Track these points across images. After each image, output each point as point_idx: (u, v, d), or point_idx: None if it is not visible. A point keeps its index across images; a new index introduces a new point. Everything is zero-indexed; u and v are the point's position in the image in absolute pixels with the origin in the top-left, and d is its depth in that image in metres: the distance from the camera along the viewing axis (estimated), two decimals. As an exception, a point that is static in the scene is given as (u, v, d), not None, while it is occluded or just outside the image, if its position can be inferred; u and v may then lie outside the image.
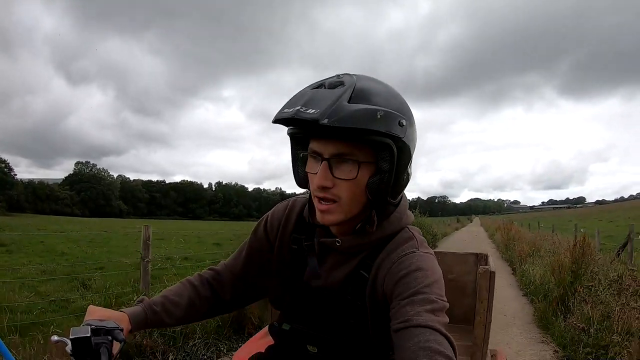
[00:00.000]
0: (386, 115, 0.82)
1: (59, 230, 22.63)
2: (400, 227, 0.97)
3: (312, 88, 0.87)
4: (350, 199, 0.87)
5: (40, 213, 76.08)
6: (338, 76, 0.88)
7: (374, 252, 0.96)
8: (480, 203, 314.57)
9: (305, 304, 1.01)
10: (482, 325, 1.51)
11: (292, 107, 0.81)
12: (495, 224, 30.85)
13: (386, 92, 0.88)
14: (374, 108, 0.81)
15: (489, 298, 1.52)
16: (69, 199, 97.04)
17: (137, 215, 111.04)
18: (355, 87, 0.84)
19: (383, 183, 0.87)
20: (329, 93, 0.82)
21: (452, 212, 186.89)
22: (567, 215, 69.77)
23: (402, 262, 0.90)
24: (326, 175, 0.85)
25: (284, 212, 1.09)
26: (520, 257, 9.09)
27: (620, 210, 75.25)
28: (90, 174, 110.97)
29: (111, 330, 0.85)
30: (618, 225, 31.01)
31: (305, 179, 0.95)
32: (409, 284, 0.85)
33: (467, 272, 1.87)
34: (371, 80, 0.89)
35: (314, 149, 0.88)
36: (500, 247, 14.51)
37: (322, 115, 0.77)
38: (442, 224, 30.59)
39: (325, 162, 0.85)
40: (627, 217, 50.90)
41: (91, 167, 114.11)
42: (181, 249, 11.43)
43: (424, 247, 0.95)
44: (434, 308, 0.80)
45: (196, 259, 9.29)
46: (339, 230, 0.96)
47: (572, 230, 12.55)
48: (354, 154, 0.85)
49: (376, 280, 0.93)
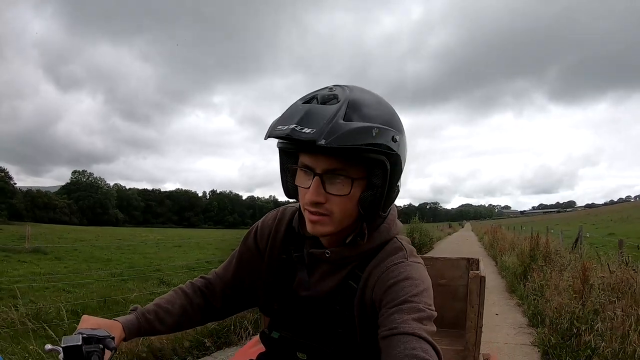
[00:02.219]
0: (381, 131, 0.81)
1: (78, 239, 24.35)
2: (389, 237, 0.97)
3: (304, 102, 0.85)
4: (342, 213, 0.87)
5: (39, 221, 76.50)
6: (330, 89, 0.87)
7: (363, 263, 0.96)
8: (471, 209, 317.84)
9: (294, 313, 1.01)
10: (474, 329, 1.51)
11: (286, 124, 0.80)
12: (484, 228, 33.31)
13: (378, 105, 0.88)
14: (369, 126, 0.80)
15: (480, 302, 1.51)
16: (67, 208, 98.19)
17: (133, 223, 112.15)
18: (349, 102, 0.82)
19: (376, 198, 0.87)
20: (324, 110, 0.81)
21: (444, 218, 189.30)
22: (555, 220, 71.63)
23: (392, 271, 0.90)
24: (319, 191, 0.85)
25: (273, 222, 1.08)
26: (501, 252, 11.68)
27: (608, 213, 77.81)
28: (87, 183, 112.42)
29: (102, 338, 0.86)
30: (598, 227, 33.53)
31: (295, 190, 0.94)
32: (398, 292, 0.86)
33: (459, 277, 1.86)
34: (363, 92, 0.88)
35: (305, 163, 0.87)
36: (487, 247, 17.40)
37: (319, 135, 0.76)
38: (436, 230, 32.61)
39: (318, 177, 0.85)
40: (610, 219, 53.40)
41: (88, 175, 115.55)
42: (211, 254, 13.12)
43: (413, 257, 0.96)
44: (421, 317, 0.81)
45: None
46: (329, 241, 0.96)
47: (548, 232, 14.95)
48: (347, 170, 0.84)
49: (365, 289, 0.94)
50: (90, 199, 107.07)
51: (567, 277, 5.61)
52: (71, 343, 0.81)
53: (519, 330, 4.90)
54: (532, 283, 6.38)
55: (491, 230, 22.47)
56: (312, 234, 0.92)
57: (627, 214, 59.54)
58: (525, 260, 7.64)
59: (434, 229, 28.64)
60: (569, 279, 5.26)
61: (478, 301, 1.51)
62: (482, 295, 1.52)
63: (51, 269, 11.20)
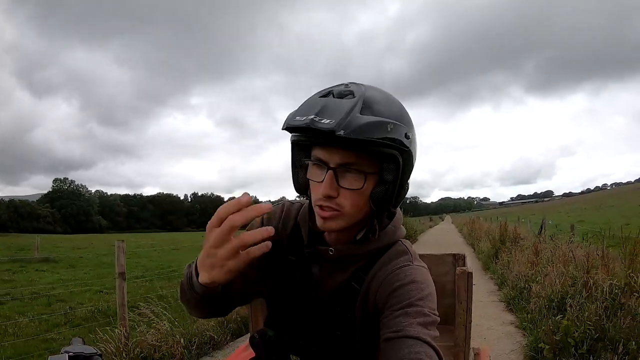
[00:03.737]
0: (395, 127, 0.82)
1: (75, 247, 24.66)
2: (394, 240, 0.98)
3: (321, 96, 0.86)
4: (354, 208, 0.87)
5: (24, 231, 75.88)
6: (346, 85, 0.88)
7: (367, 264, 0.95)
8: (450, 202, 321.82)
9: (293, 312, 0.99)
10: (463, 325, 1.52)
11: (305, 115, 0.80)
12: (464, 220, 35.29)
13: (391, 104, 0.89)
14: (385, 120, 0.81)
15: (468, 299, 1.52)
16: (51, 217, 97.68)
17: (116, 229, 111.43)
18: (364, 98, 0.83)
19: (387, 193, 0.87)
20: (342, 103, 0.81)
21: (424, 212, 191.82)
22: (533, 209, 73.80)
23: (397, 274, 0.90)
24: (332, 184, 0.84)
25: (280, 217, 1.06)
26: (477, 239, 13.62)
27: (584, 202, 79.98)
28: (69, 191, 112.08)
29: (90, 356, 0.82)
30: (570, 215, 35.66)
31: (305, 185, 0.94)
32: (403, 295, 0.85)
33: (445, 273, 1.87)
34: (377, 90, 0.89)
35: (319, 157, 0.87)
36: (467, 236, 19.30)
37: (338, 126, 0.77)
38: (418, 223, 34.46)
39: (332, 171, 0.84)
40: (584, 208, 55.96)
41: (69, 183, 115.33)
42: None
43: (418, 261, 0.96)
44: (426, 321, 0.82)
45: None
46: (337, 237, 0.95)
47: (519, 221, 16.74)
48: (361, 164, 0.84)
49: (368, 292, 0.93)
50: (73, 207, 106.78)
51: (526, 253, 7.28)
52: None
53: (491, 293, 6.57)
54: (501, 261, 8.09)
55: (470, 221, 24.62)
56: (323, 229, 0.91)
57: (600, 203, 61.64)
58: (496, 244, 9.65)
59: (416, 223, 30.33)
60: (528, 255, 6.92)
61: (466, 297, 1.52)
62: (470, 291, 1.53)
63: (73, 276, 11.62)
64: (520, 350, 4.02)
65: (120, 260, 4.04)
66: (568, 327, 3.49)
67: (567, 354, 3.35)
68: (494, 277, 7.80)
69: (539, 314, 4.37)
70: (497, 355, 3.88)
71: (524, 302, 5.22)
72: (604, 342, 3.23)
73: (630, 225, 17.53)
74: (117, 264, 4.05)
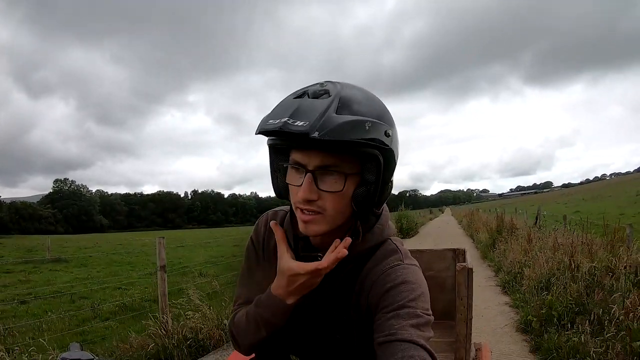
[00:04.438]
0: (374, 125, 0.80)
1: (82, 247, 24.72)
2: (383, 239, 0.96)
3: (295, 97, 0.83)
4: (336, 210, 0.85)
5: (26, 233, 76.05)
6: (321, 84, 0.85)
7: (357, 266, 0.94)
8: (450, 194, 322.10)
9: (290, 318, 0.95)
10: (464, 321, 1.51)
11: (278, 118, 0.78)
12: (463, 212, 35.91)
13: (370, 101, 0.86)
14: (362, 119, 0.79)
15: (469, 294, 1.51)
16: (52, 217, 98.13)
17: (117, 228, 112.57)
18: (340, 97, 0.81)
19: (369, 194, 0.85)
20: (316, 104, 0.79)
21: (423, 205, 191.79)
22: (532, 200, 74.03)
23: (389, 274, 0.89)
24: (311, 188, 0.82)
25: (265, 228, 1.06)
26: (476, 230, 14.21)
27: (582, 192, 78.76)
28: (70, 191, 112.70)
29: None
30: (568, 206, 36.17)
31: (285, 189, 0.91)
32: (395, 297, 0.85)
33: (446, 268, 1.87)
34: (354, 88, 0.86)
35: (296, 160, 0.84)
36: (466, 227, 19.96)
37: (312, 128, 0.75)
38: (418, 216, 35.04)
39: (310, 174, 0.82)
40: (582, 198, 56.34)
41: (70, 183, 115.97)
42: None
43: (409, 259, 0.94)
44: (418, 323, 0.81)
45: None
46: (322, 241, 0.92)
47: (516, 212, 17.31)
48: (340, 165, 0.82)
49: (361, 293, 0.93)
50: (74, 207, 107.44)
51: (521, 242, 7.86)
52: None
53: (488, 279, 7.15)
54: (498, 249, 8.68)
55: (469, 213, 25.26)
56: (305, 234, 0.89)
57: (598, 193, 61.55)
58: (493, 234, 10.27)
59: (416, 215, 30.90)
60: (522, 244, 7.51)
61: (467, 293, 1.50)
62: (471, 287, 1.51)
63: (88, 274, 12.00)
64: (512, 324, 4.59)
65: (162, 255, 4.52)
66: (552, 302, 4.08)
67: (551, 325, 3.92)
68: (491, 265, 8.39)
69: (530, 294, 4.96)
70: (493, 330, 4.46)
71: (517, 285, 5.79)
72: (584, 315, 3.79)
73: (624, 215, 18.26)
74: (159, 258, 4.54)
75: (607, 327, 3.32)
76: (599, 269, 4.47)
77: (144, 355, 3.76)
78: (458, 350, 1.53)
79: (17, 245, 28.38)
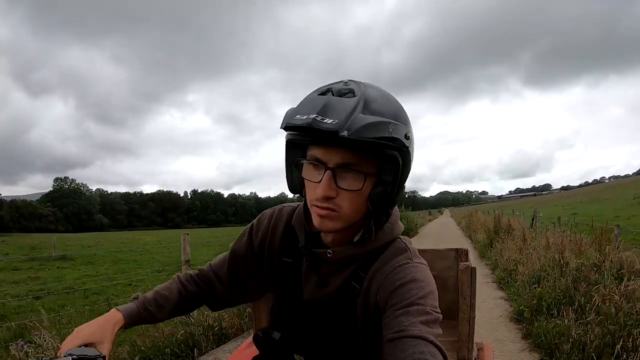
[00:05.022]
0: (396, 127, 0.81)
1: (85, 246, 24.67)
2: (392, 238, 0.97)
3: (320, 94, 0.84)
4: (352, 209, 0.86)
5: (26, 231, 75.84)
6: (345, 83, 0.86)
7: (366, 263, 0.95)
8: (449, 196, 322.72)
9: (295, 314, 1.00)
10: (467, 321, 1.51)
11: (306, 114, 0.78)
12: (462, 214, 36.47)
13: (391, 103, 0.87)
14: (387, 121, 0.80)
15: (472, 294, 1.51)
16: (52, 216, 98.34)
17: (117, 227, 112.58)
18: (365, 97, 0.82)
19: (386, 194, 0.86)
20: (344, 102, 0.80)
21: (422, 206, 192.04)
22: (530, 203, 74.14)
23: (397, 272, 0.90)
24: (330, 185, 0.83)
25: (269, 222, 1.07)
26: (475, 231, 14.69)
27: (581, 194, 79.23)
28: (70, 189, 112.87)
29: (93, 358, 0.83)
30: (565, 208, 36.67)
31: (300, 184, 0.92)
32: (404, 294, 0.85)
33: (448, 268, 1.87)
34: (375, 89, 0.87)
35: (317, 156, 0.84)
36: (464, 229, 20.51)
37: (341, 127, 0.76)
38: (417, 217, 35.48)
39: (330, 171, 0.83)
40: (580, 201, 56.82)
41: (70, 182, 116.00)
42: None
43: (418, 258, 0.95)
44: (428, 320, 0.81)
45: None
46: (334, 238, 0.94)
47: (514, 214, 17.75)
48: (360, 164, 0.83)
49: (369, 291, 0.93)
50: (74, 206, 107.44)
51: (516, 241, 8.30)
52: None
53: (485, 276, 7.57)
54: (495, 249, 9.11)
55: (468, 215, 25.81)
56: (320, 229, 0.91)
57: (596, 195, 62.02)
58: (490, 234, 10.75)
59: (416, 216, 31.30)
60: (517, 243, 7.95)
61: (470, 292, 1.49)
62: (474, 287, 1.50)
63: (96, 272, 12.20)
64: (506, 315, 5.02)
65: (186, 250, 4.94)
66: (542, 294, 4.51)
67: (541, 314, 4.34)
68: (488, 264, 8.82)
69: (522, 288, 5.40)
70: (489, 320, 4.87)
71: (512, 281, 6.21)
72: (569, 304, 4.20)
73: (620, 217, 18.67)
74: (183, 253, 4.96)
75: (588, 313, 3.74)
76: (585, 265, 4.89)
77: (175, 341, 4.14)
78: (460, 349, 1.53)
79: (20, 243, 28.52)
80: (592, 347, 3.26)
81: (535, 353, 3.80)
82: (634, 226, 12.60)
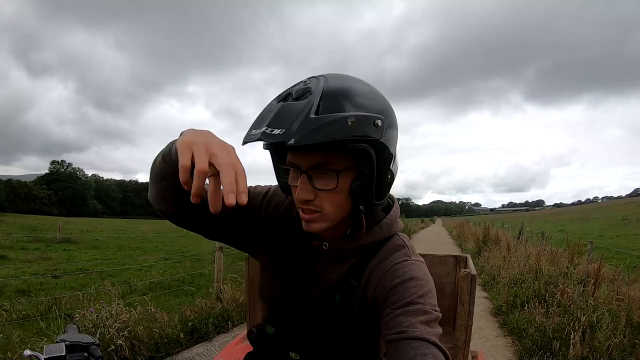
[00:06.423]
0: (358, 119, 0.76)
1: (84, 230, 23.94)
2: (390, 234, 0.96)
3: (279, 100, 0.81)
4: (334, 208, 0.85)
5: (20, 212, 75.44)
6: (304, 82, 0.82)
7: (364, 259, 0.94)
8: (442, 205, 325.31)
9: (291, 308, 0.98)
10: (464, 328, 1.50)
11: (259, 127, 0.77)
12: (454, 223, 37.49)
13: (358, 92, 0.82)
14: (344, 115, 0.75)
15: (471, 301, 1.50)
16: (47, 199, 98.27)
17: (110, 214, 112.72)
18: (323, 94, 0.78)
19: (366, 187, 0.84)
20: (294, 107, 0.77)
21: (415, 214, 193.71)
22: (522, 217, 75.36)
23: (396, 270, 0.88)
24: (306, 188, 0.83)
25: (283, 202, 1.03)
26: (465, 240, 15.71)
27: (572, 213, 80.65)
28: (67, 173, 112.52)
29: (87, 346, 0.83)
30: (554, 225, 37.60)
31: (289, 187, 0.91)
32: (403, 293, 0.84)
33: (446, 274, 1.85)
34: (342, 79, 0.83)
35: (291, 161, 0.85)
36: (455, 238, 21.55)
37: (287, 136, 0.73)
38: (410, 224, 36.08)
39: (304, 174, 0.83)
40: (570, 219, 57.82)
41: (67, 166, 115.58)
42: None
43: (416, 255, 0.94)
44: (428, 319, 0.80)
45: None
46: (327, 235, 0.93)
47: (503, 226, 18.69)
48: (333, 162, 0.82)
49: (367, 288, 0.92)
50: (69, 190, 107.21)
51: (502, 250, 9.24)
52: (54, 354, 0.80)
53: (472, 280, 8.43)
54: (482, 257, 10.02)
55: (459, 225, 26.92)
56: (307, 231, 0.90)
57: (587, 214, 62.93)
58: (479, 244, 11.73)
59: (409, 223, 32.17)
60: (502, 252, 8.89)
61: (469, 300, 1.49)
62: (473, 294, 1.50)
63: (104, 256, 12.09)
64: (487, 310, 5.97)
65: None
66: (517, 292, 5.42)
67: (515, 308, 5.27)
68: (476, 269, 9.72)
69: (503, 289, 6.31)
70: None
71: (495, 284, 7.14)
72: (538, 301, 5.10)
73: (604, 237, 19.55)
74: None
75: (550, 307, 4.64)
76: (556, 271, 5.79)
77: (211, 314, 4.96)
78: (456, 356, 1.52)
79: (19, 223, 28.36)
80: (550, 330, 4.16)
81: (508, 337, 4.72)
82: (616, 245, 13.49)
